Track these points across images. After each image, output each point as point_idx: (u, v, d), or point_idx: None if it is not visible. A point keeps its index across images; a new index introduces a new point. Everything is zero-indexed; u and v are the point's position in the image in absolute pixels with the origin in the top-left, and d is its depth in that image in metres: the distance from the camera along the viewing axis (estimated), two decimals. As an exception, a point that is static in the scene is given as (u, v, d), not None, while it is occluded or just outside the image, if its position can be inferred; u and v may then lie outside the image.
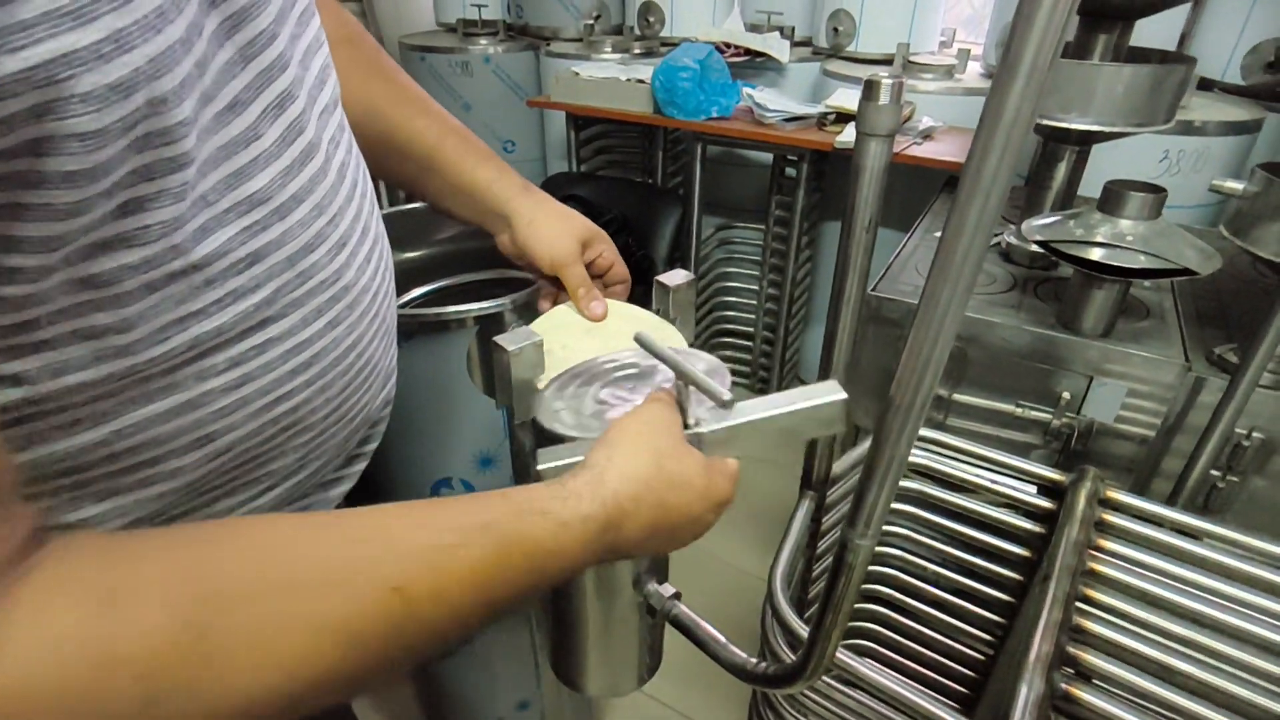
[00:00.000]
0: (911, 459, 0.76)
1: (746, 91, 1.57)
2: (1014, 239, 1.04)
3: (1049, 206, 1.04)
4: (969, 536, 0.74)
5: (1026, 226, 0.85)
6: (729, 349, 1.99)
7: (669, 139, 1.82)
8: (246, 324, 0.34)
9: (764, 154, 1.66)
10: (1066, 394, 0.88)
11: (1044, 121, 0.92)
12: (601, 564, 0.38)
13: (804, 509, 0.72)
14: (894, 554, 0.79)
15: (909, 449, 0.32)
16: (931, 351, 0.29)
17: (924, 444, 0.78)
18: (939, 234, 0.27)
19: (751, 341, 1.93)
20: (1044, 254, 0.86)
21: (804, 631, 0.61)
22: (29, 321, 0.27)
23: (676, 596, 0.48)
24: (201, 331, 0.32)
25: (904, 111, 1.47)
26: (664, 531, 0.38)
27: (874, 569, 0.80)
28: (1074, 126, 0.89)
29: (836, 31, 1.70)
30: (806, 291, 1.89)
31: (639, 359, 0.47)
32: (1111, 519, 0.65)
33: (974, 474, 0.74)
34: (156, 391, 0.32)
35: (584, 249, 0.56)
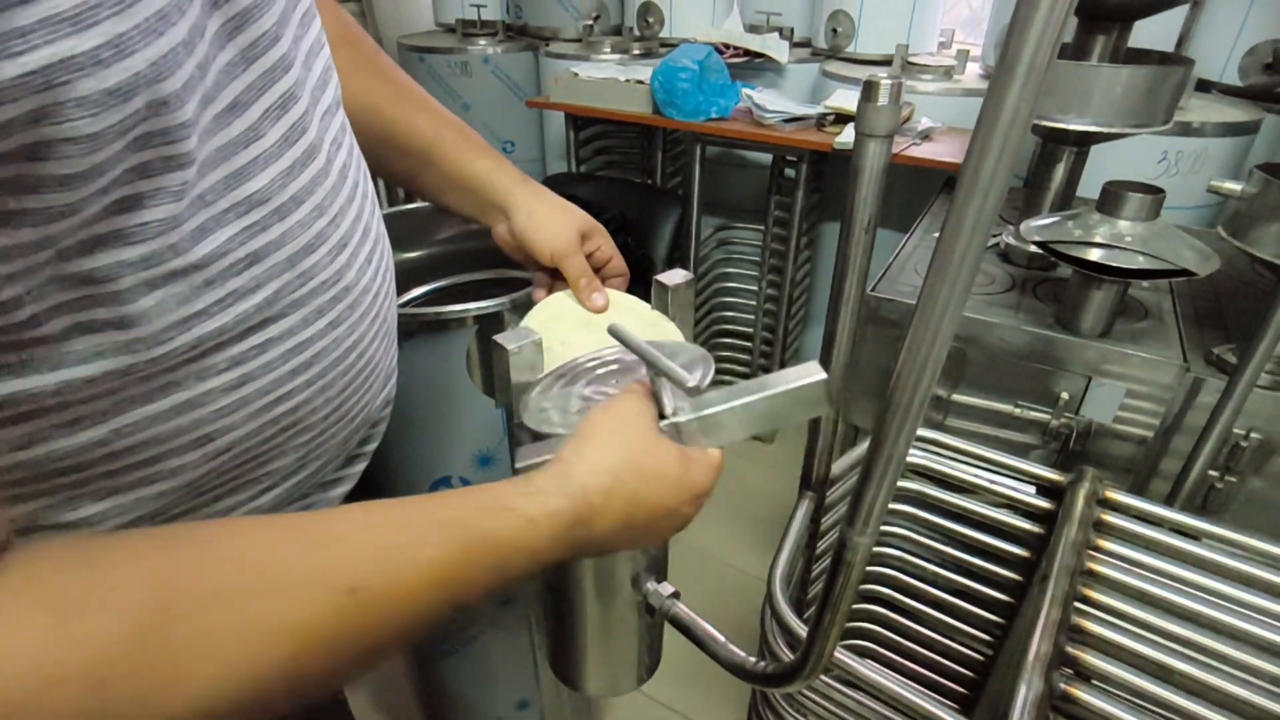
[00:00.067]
0: (910, 459, 0.76)
1: (745, 92, 1.57)
2: (1013, 239, 1.05)
3: (1047, 207, 1.04)
4: (968, 536, 0.74)
5: (1025, 227, 0.85)
6: (728, 349, 2.00)
7: (668, 139, 1.82)
8: (248, 324, 0.34)
9: (763, 154, 1.67)
10: (1065, 394, 0.88)
11: (1042, 122, 0.92)
12: (575, 559, 0.37)
13: (803, 509, 0.72)
14: (893, 554, 0.79)
15: (907, 448, 0.32)
16: (930, 351, 0.29)
17: (923, 444, 0.78)
18: (938, 234, 0.27)
19: (750, 342, 1.93)
20: (1042, 254, 0.86)
21: (803, 631, 0.61)
22: (28, 319, 0.27)
23: (675, 596, 0.48)
24: (204, 331, 0.32)
25: (903, 112, 1.48)
26: (639, 525, 0.37)
27: (873, 569, 0.80)
28: (1072, 127, 0.89)
29: (835, 32, 1.70)
30: (805, 292, 1.89)
31: (622, 354, 0.47)
32: (1110, 519, 0.66)
33: (973, 474, 0.74)
34: (157, 390, 0.32)
35: (583, 240, 0.56)
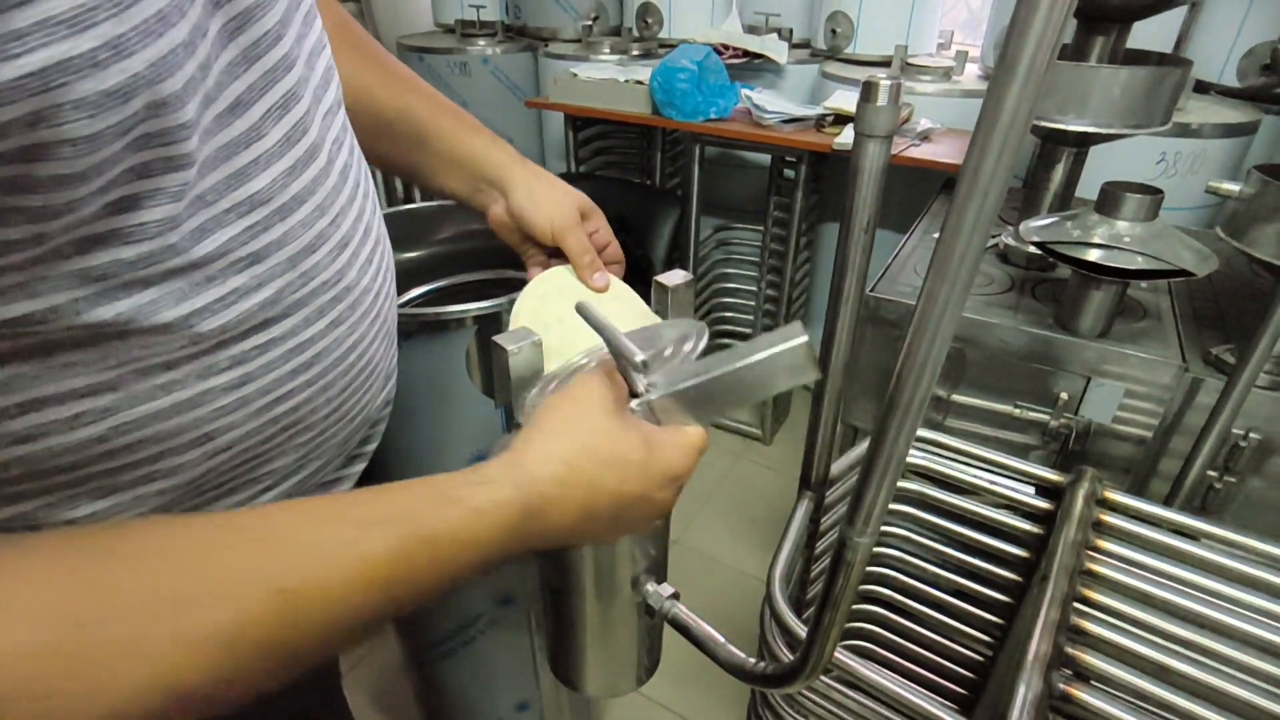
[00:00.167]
0: (910, 460, 0.76)
1: (745, 93, 1.58)
2: (1012, 240, 1.05)
3: (1046, 208, 1.04)
4: (967, 537, 0.74)
5: (1024, 228, 0.85)
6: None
7: (667, 140, 1.82)
8: (249, 323, 0.34)
9: (762, 155, 1.67)
10: (1064, 395, 0.88)
11: (1042, 123, 0.92)
12: (537, 551, 0.35)
13: (802, 509, 0.72)
14: (892, 555, 0.79)
15: (907, 447, 0.32)
16: (930, 350, 0.29)
17: (922, 445, 0.78)
18: (937, 235, 0.27)
19: (750, 342, 1.93)
20: (1042, 255, 0.86)
21: (802, 632, 0.61)
22: (25, 316, 0.27)
23: (675, 597, 0.48)
24: (205, 329, 0.32)
25: (902, 113, 1.48)
26: (603, 515, 0.36)
27: (872, 569, 0.80)
28: (1071, 128, 0.90)
29: (835, 33, 1.70)
30: (805, 292, 1.89)
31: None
32: (1109, 519, 0.66)
33: (972, 475, 0.74)
34: (157, 389, 0.32)
35: (583, 220, 0.55)
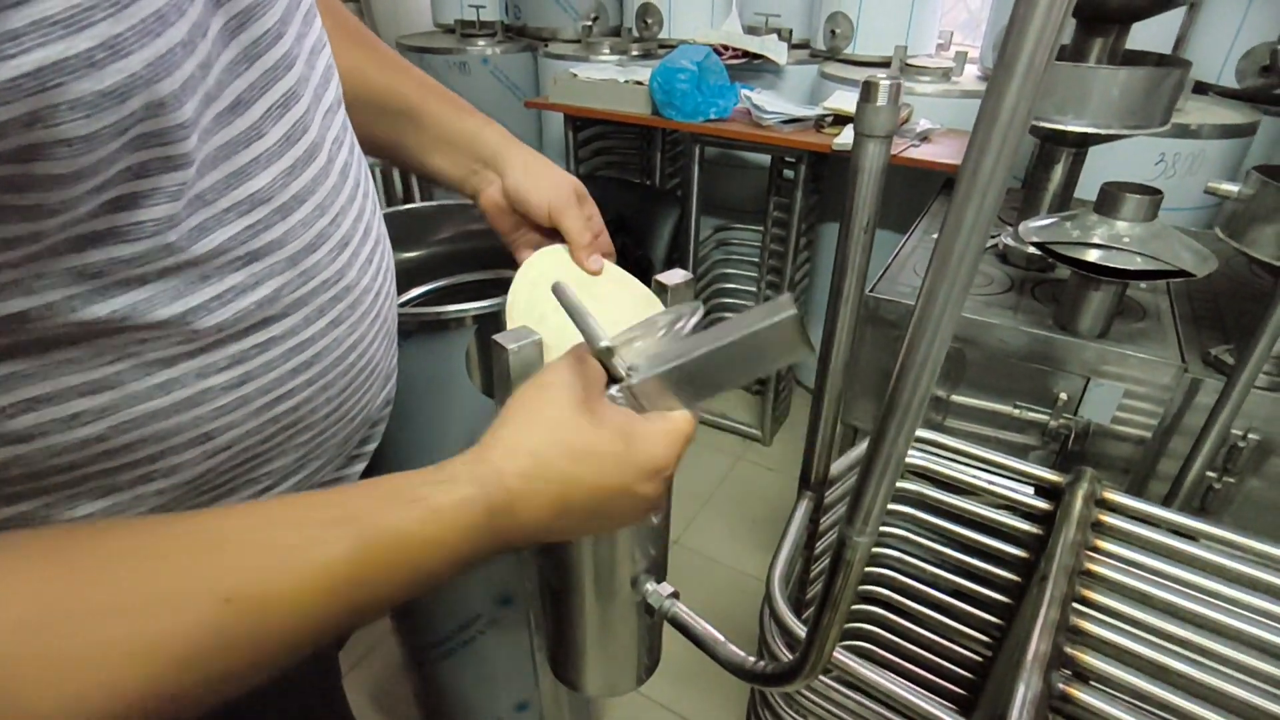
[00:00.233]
0: (909, 460, 0.76)
1: (744, 93, 1.58)
2: (1011, 240, 1.05)
3: (1046, 208, 1.04)
4: (967, 538, 0.74)
5: (1023, 228, 0.85)
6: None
7: (667, 140, 1.82)
8: (248, 321, 0.34)
9: (762, 155, 1.67)
10: (1063, 395, 0.88)
11: (1041, 124, 0.92)
12: (512, 550, 0.34)
13: (802, 509, 0.72)
14: (892, 555, 0.79)
15: (907, 447, 0.32)
16: (929, 350, 0.29)
17: (922, 445, 0.78)
18: (936, 235, 0.27)
19: (749, 343, 1.93)
20: (1041, 255, 0.87)
21: (802, 632, 0.61)
22: (21, 313, 0.27)
23: (675, 596, 0.48)
24: (203, 326, 0.32)
25: (901, 114, 1.48)
26: (579, 511, 0.34)
27: (872, 570, 0.80)
28: (1070, 128, 0.90)
29: (834, 34, 1.70)
30: (805, 292, 1.89)
31: (630, 335, 0.44)
32: (1108, 520, 0.66)
33: (971, 475, 0.74)
34: (156, 388, 0.32)
35: (579, 202, 0.53)
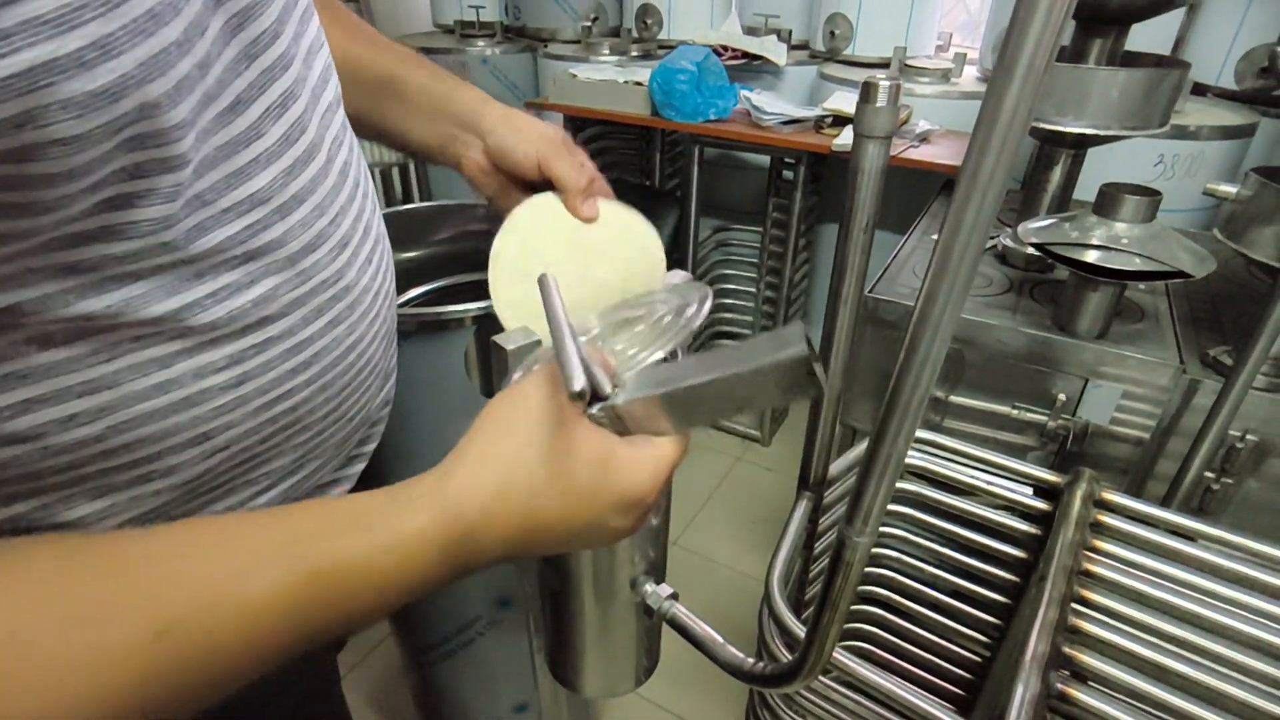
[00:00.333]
0: (908, 460, 0.76)
1: (744, 94, 1.58)
2: (1010, 242, 1.05)
3: (1045, 209, 1.04)
4: (965, 538, 0.74)
5: (1022, 229, 0.85)
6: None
7: (666, 141, 1.82)
8: (244, 320, 0.34)
9: (761, 156, 1.67)
10: (1062, 396, 0.88)
11: (1040, 125, 0.92)
12: (472, 574, 0.32)
13: (801, 510, 0.72)
14: (891, 556, 0.79)
15: (906, 447, 0.32)
16: (929, 350, 0.29)
17: (921, 446, 0.78)
18: (936, 236, 0.27)
19: (748, 343, 1.93)
20: (1040, 257, 0.87)
21: (801, 632, 0.61)
22: (13, 306, 0.27)
23: (674, 597, 0.48)
24: (197, 323, 0.32)
25: (901, 115, 1.48)
26: (545, 541, 0.32)
27: (871, 570, 0.80)
28: (1069, 130, 0.90)
29: (834, 35, 1.70)
30: (804, 293, 1.89)
31: (629, 311, 0.40)
32: (1107, 520, 0.66)
33: (970, 476, 0.74)
34: (153, 388, 0.32)
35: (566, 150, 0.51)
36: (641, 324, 0.37)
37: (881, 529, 0.78)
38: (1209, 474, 0.82)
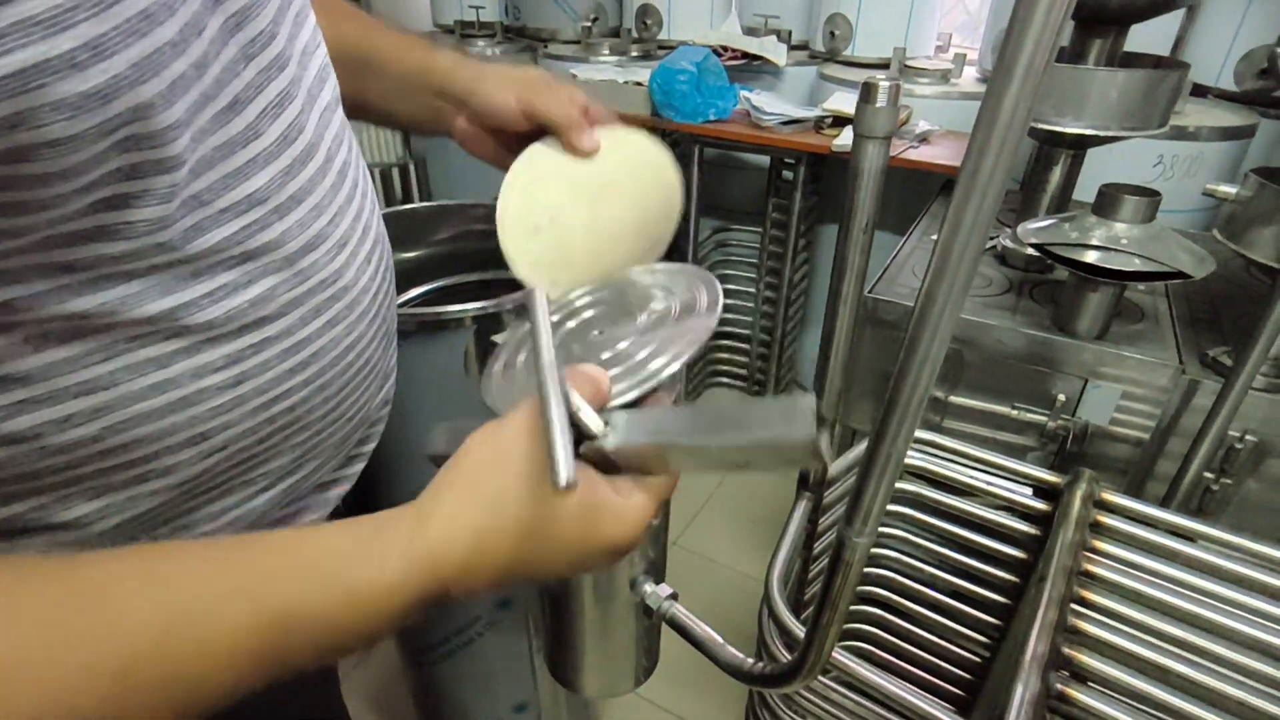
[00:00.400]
0: (908, 461, 0.76)
1: (743, 94, 1.58)
2: (1010, 242, 1.05)
3: (1044, 210, 1.04)
4: (965, 538, 0.74)
5: (1022, 229, 0.85)
6: (725, 351, 2.00)
7: (666, 141, 1.82)
8: (241, 320, 0.34)
9: (761, 157, 1.67)
10: (1062, 396, 0.88)
11: (1039, 125, 0.92)
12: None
13: (800, 510, 0.72)
14: (890, 556, 0.79)
15: (906, 447, 0.32)
16: (929, 349, 0.29)
17: (920, 446, 0.78)
18: (935, 236, 0.27)
19: (748, 344, 1.93)
20: (1039, 257, 0.87)
21: (800, 632, 0.61)
22: (6, 302, 0.27)
23: (673, 597, 0.48)
24: (193, 323, 0.32)
25: (900, 115, 1.48)
26: (522, 580, 0.32)
27: (870, 571, 0.80)
28: (1069, 130, 0.90)
29: (833, 35, 1.70)
30: (804, 294, 1.89)
31: (611, 292, 0.38)
32: (1106, 520, 0.66)
33: (970, 476, 0.74)
34: (150, 389, 0.32)
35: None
36: (643, 314, 0.35)
37: (881, 529, 0.78)
38: (1208, 474, 0.82)
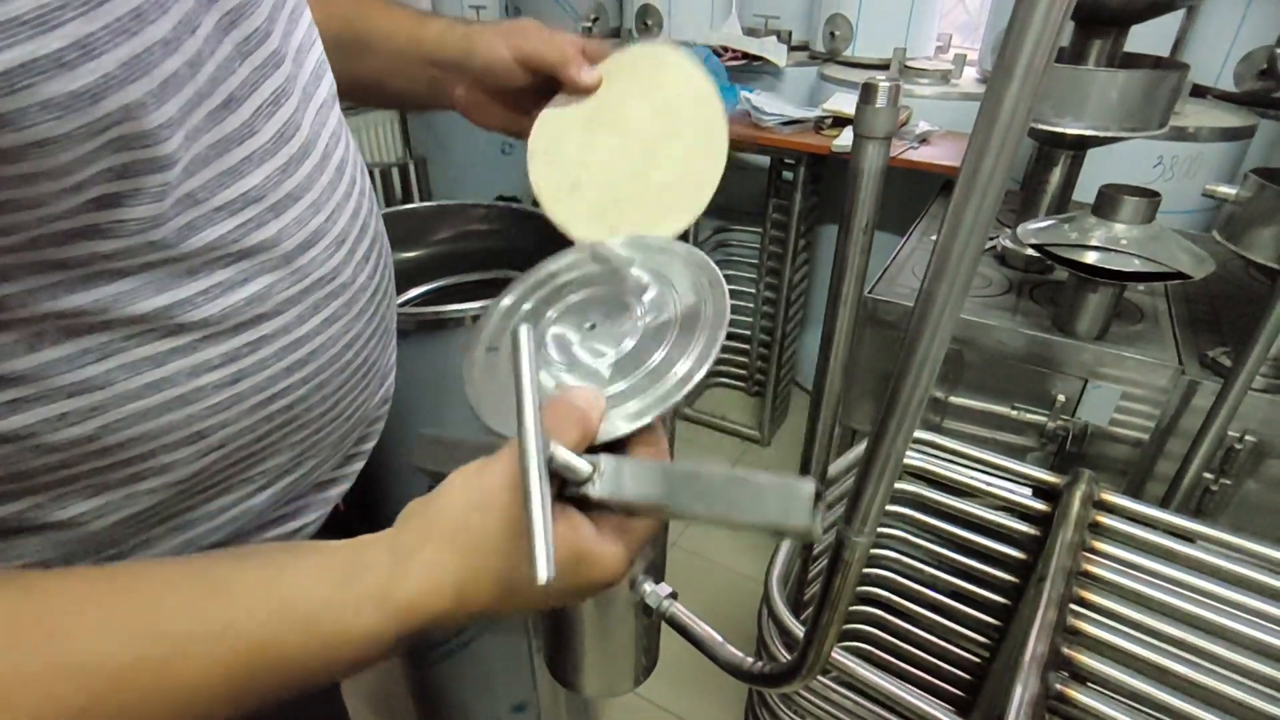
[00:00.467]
0: (907, 461, 0.76)
1: (744, 95, 1.58)
2: (1010, 243, 1.05)
3: (1044, 210, 1.05)
4: (964, 539, 0.74)
5: (1022, 230, 0.86)
6: (726, 351, 2.00)
7: (666, 142, 1.82)
8: (238, 318, 0.33)
9: (761, 157, 1.67)
10: (1061, 397, 0.88)
11: (1039, 126, 0.92)
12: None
13: (800, 510, 0.72)
14: (890, 556, 0.79)
15: (905, 447, 0.32)
16: (928, 350, 0.29)
17: (920, 446, 0.78)
18: (935, 237, 0.27)
19: (749, 345, 1.93)
20: (1039, 258, 0.87)
21: (800, 632, 0.61)
22: (1, 299, 0.26)
23: (673, 596, 0.48)
24: (188, 321, 0.32)
25: (900, 115, 1.48)
26: (495, 617, 0.32)
27: (870, 571, 0.80)
28: (1069, 131, 0.90)
29: (834, 36, 1.70)
30: (804, 294, 1.89)
31: (590, 266, 0.36)
32: (1106, 521, 0.66)
33: (969, 476, 0.74)
34: (146, 387, 0.31)
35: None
36: (639, 305, 0.34)
37: (881, 529, 0.78)
38: (1208, 475, 0.82)
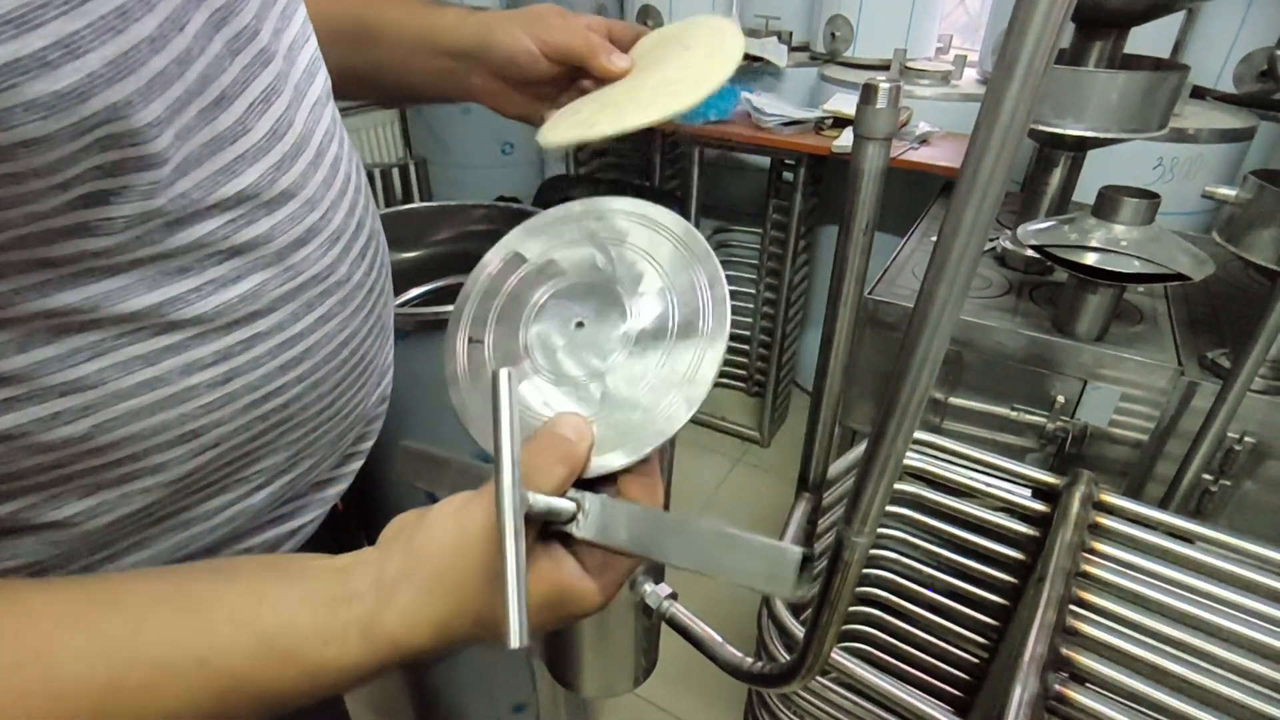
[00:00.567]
0: (907, 462, 0.76)
1: (744, 95, 1.58)
2: (1009, 244, 1.05)
3: (1044, 211, 1.05)
4: (964, 539, 0.74)
5: (1022, 231, 0.86)
6: (725, 351, 2.00)
7: (666, 142, 1.82)
8: (231, 316, 0.33)
9: (761, 158, 1.67)
10: (1061, 398, 0.88)
11: (1039, 127, 0.92)
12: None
13: (800, 511, 0.72)
14: (889, 557, 0.79)
15: (905, 447, 0.32)
16: (928, 351, 0.29)
17: (919, 447, 0.78)
18: (935, 238, 0.27)
19: (748, 345, 1.94)
20: (1039, 259, 0.87)
21: (799, 632, 0.61)
22: None
23: (673, 597, 0.48)
24: (180, 318, 0.31)
25: (901, 116, 1.48)
26: (479, 644, 0.32)
27: (869, 571, 0.80)
28: (1069, 132, 0.90)
29: (834, 37, 1.70)
30: (804, 294, 1.89)
31: (587, 248, 0.35)
32: (1105, 522, 0.66)
33: (969, 477, 0.75)
34: (139, 386, 0.31)
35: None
36: (632, 306, 0.35)
37: (880, 530, 0.78)
38: (1207, 476, 0.82)
